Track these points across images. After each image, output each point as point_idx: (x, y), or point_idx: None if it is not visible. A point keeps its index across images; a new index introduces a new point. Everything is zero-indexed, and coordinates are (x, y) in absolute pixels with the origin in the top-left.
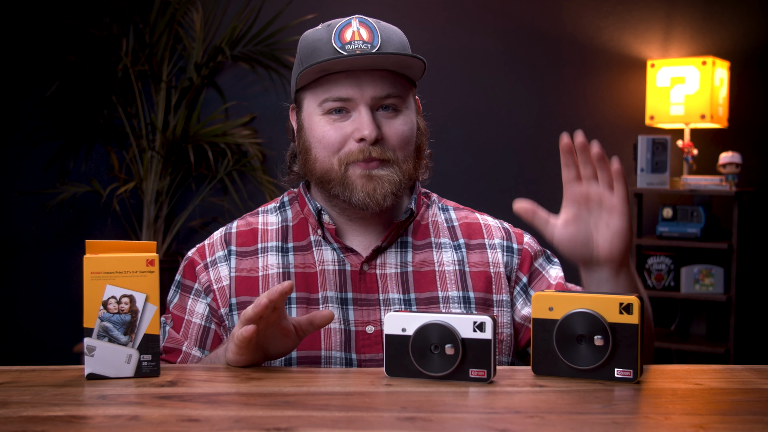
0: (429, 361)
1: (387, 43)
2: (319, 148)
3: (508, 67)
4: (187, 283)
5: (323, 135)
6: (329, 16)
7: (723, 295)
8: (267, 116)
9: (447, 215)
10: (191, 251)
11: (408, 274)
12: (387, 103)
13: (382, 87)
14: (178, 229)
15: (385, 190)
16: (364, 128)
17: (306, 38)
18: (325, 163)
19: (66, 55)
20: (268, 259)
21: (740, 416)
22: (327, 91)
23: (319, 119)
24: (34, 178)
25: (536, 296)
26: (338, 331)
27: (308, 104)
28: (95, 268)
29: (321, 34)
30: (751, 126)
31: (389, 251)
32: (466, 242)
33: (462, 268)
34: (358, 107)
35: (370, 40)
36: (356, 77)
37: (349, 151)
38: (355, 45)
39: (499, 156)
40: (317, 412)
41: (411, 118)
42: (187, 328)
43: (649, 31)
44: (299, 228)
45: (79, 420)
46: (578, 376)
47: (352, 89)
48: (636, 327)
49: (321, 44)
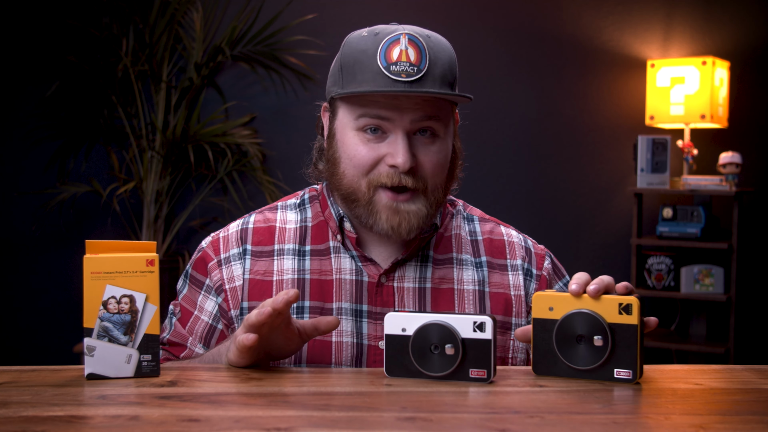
0: (429, 361)
1: (434, 64)
2: (349, 166)
3: (508, 67)
4: (198, 278)
5: (355, 153)
6: (329, 16)
7: (723, 295)
8: (267, 116)
9: (471, 227)
10: (205, 242)
11: (426, 291)
12: (425, 127)
13: (423, 111)
14: (178, 229)
15: (410, 226)
16: (398, 156)
17: (350, 44)
18: (353, 182)
19: (66, 55)
20: (284, 263)
21: (740, 416)
22: (364, 107)
23: (353, 135)
24: (34, 178)
25: (536, 296)
26: (350, 345)
27: (343, 114)
28: (95, 268)
29: (367, 43)
30: (751, 126)
31: (409, 264)
32: (488, 260)
33: (482, 288)
34: (395, 130)
35: (417, 62)
36: (396, 99)
37: (379, 174)
38: (401, 67)
39: (499, 156)
40: (317, 412)
41: (448, 144)
42: (193, 324)
43: (649, 31)
44: (318, 230)
45: (79, 420)
46: (577, 376)
47: (390, 111)
48: (635, 327)
49: (365, 57)
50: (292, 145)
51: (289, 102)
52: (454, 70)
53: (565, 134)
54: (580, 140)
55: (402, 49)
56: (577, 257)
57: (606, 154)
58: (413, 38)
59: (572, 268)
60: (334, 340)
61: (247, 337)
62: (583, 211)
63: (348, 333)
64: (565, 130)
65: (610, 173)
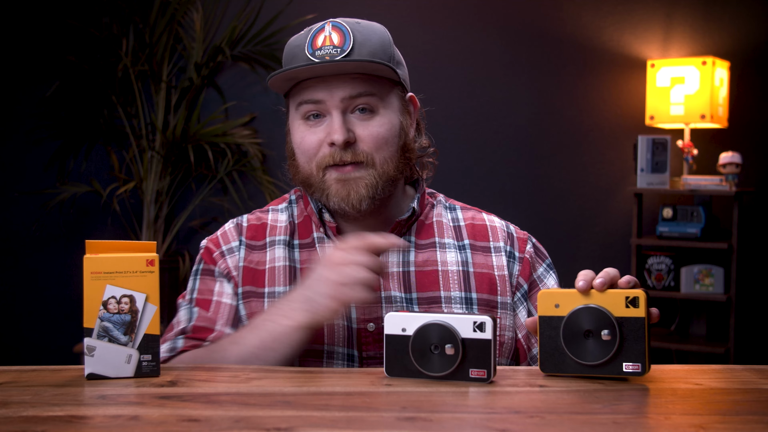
0: (429, 361)
1: (361, 45)
2: (300, 153)
3: (508, 67)
4: (209, 268)
5: (301, 140)
6: (329, 16)
7: (723, 295)
8: (267, 116)
9: (453, 214)
10: (204, 242)
11: (410, 274)
12: (361, 104)
13: (353, 88)
14: (178, 229)
15: (360, 195)
16: (334, 132)
17: (288, 44)
18: (306, 169)
19: (66, 55)
20: (276, 252)
21: (740, 416)
22: (300, 95)
23: (299, 124)
24: (34, 178)
25: (542, 294)
26: (341, 327)
27: (291, 109)
28: (95, 268)
29: (300, 39)
30: (751, 126)
31: (391, 250)
32: (471, 243)
33: (466, 268)
34: (330, 110)
35: (340, 44)
36: (326, 81)
37: (323, 156)
38: (325, 51)
39: (499, 156)
40: (317, 412)
41: (390, 118)
42: (217, 308)
43: (649, 31)
44: (304, 226)
45: (79, 420)
46: (587, 371)
47: (322, 92)
48: (643, 320)
49: (298, 50)
50: None
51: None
52: (387, 50)
53: (565, 134)
54: (580, 140)
55: (326, 35)
56: (577, 257)
57: (606, 154)
58: (337, 24)
59: (572, 268)
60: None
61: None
62: (583, 211)
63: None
64: (565, 130)
65: (610, 173)
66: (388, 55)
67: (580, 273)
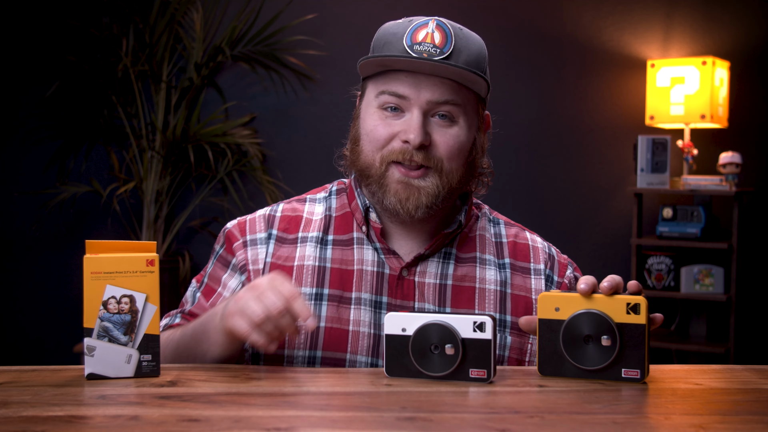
0: (429, 361)
1: (459, 51)
2: (366, 141)
3: (508, 67)
4: (224, 256)
5: (373, 128)
6: (329, 16)
7: (723, 295)
8: (267, 116)
9: (497, 230)
10: (231, 223)
11: (447, 287)
12: (443, 111)
13: (441, 93)
14: (178, 229)
15: (419, 202)
16: (411, 131)
17: (383, 28)
18: (369, 158)
19: (66, 55)
20: (306, 250)
21: (740, 416)
22: (385, 84)
23: (373, 112)
24: (34, 178)
25: (542, 297)
26: (367, 335)
27: (368, 94)
28: (95, 268)
29: (398, 27)
30: (751, 126)
31: (431, 260)
32: (511, 262)
33: (504, 289)
34: (411, 108)
35: (441, 45)
36: (416, 78)
37: (392, 150)
38: (424, 47)
39: (499, 156)
40: (317, 412)
41: (467, 131)
42: (216, 300)
43: (649, 31)
44: (342, 221)
45: (79, 420)
46: (585, 376)
47: (409, 88)
48: (643, 327)
49: (394, 38)
50: (292, 145)
51: (289, 102)
52: (481, 63)
53: (565, 134)
54: (580, 140)
55: (429, 32)
56: (577, 257)
57: (606, 154)
58: (441, 24)
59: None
60: (351, 329)
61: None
62: (583, 211)
63: (366, 323)
64: (565, 130)
65: (610, 173)
66: (482, 69)
67: (582, 277)
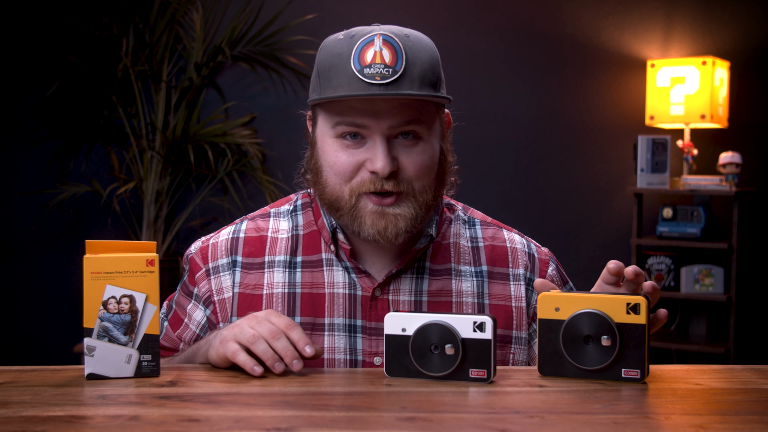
0: (429, 361)
1: (413, 65)
2: (331, 174)
3: (508, 67)
4: (188, 286)
5: (335, 161)
6: (329, 16)
7: (723, 295)
8: (267, 116)
9: (472, 232)
10: (194, 247)
11: (422, 304)
12: (407, 130)
13: (402, 116)
14: (178, 229)
15: (398, 229)
16: (377, 161)
17: (326, 48)
18: (336, 190)
19: (66, 55)
20: (275, 276)
21: (740, 416)
22: (340, 115)
23: (331, 142)
24: (34, 178)
25: (542, 297)
26: (343, 362)
27: (322, 122)
28: (95, 268)
29: (342, 47)
30: (751, 126)
31: (404, 276)
32: (489, 270)
33: (481, 300)
34: (373, 136)
35: (392, 64)
36: (373, 104)
37: (362, 181)
38: (375, 69)
39: (499, 156)
40: (317, 412)
41: (433, 144)
42: (183, 331)
43: (649, 31)
44: (310, 240)
45: (79, 420)
46: (585, 376)
47: (367, 118)
48: (643, 327)
49: (340, 61)
50: (292, 145)
51: (289, 102)
52: (436, 69)
53: (565, 134)
54: (580, 140)
55: (376, 50)
56: (577, 257)
57: (606, 154)
58: (388, 38)
59: (572, 268)
60: (326, 357)
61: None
62: (583, 211)
63: (341, 350)
64: (565, 130)
65: (610, 173)
66: (437, 75)
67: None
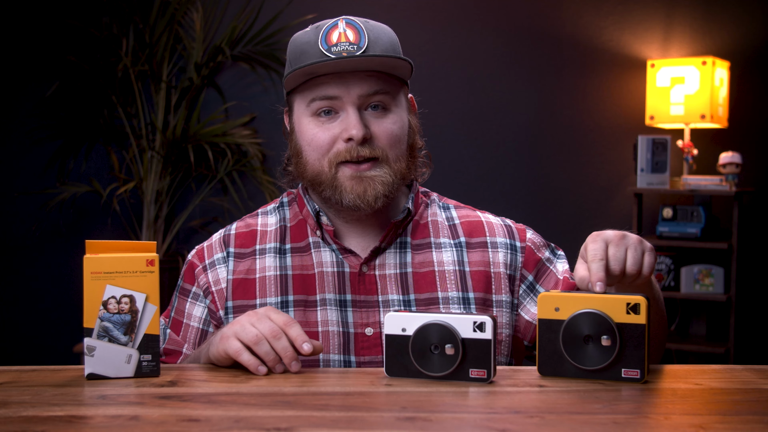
0: (429, 361)
1: (374, 43)
2: (309, 151)
3: (508, 67)
4: (186, 287)
5: (313, 137)
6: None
7: (723, 295)
8: (267, 116)
9: (448, 213)
10: (191, 254)
11: (407, 275)
12: (375, 102)
13: (369, 86)
14: (178, 229)
15: (376, 192)
16: (351, 128)
17: (294, 41)
18: (316, 166)
19: (66, 55)
20: (266, 261)
21: (740, 416)
22: (313, 91)
23: (308, 121)
24: (34, 178)
25: (542, 297)
26: (336, 334)
27: (298, 106)
28: (95, 268)
29: (309, 36)
30: (751, 126)
31: (388, 252)
32: (467, 240)
33: (462, 268)
34: (345, 107)
35: (356, 42)
36: (342, 78)
37: (338, 152)
38: (341, 47)
39: (499, 156)
40: (317, 412)
41: (401, 116)
42: (186, 331)
43: (649, 31)
44: (297, 229)
45: (79, 420)
46: (585, 376)
47: (338, 89)
48: (643, 327)
49: (308, 47)
50: None
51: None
52: (396, 46)
53: (565, 134)
54: (580, 140)
55: (341, 31)
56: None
57: (606, 154)
58: (351, 21)
59: (572, 268)
60: (320, 330)
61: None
62: (583, 211)
63: (333, 322)
64: (565, 130)
65: (610, 173)
66: (397, 52)
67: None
